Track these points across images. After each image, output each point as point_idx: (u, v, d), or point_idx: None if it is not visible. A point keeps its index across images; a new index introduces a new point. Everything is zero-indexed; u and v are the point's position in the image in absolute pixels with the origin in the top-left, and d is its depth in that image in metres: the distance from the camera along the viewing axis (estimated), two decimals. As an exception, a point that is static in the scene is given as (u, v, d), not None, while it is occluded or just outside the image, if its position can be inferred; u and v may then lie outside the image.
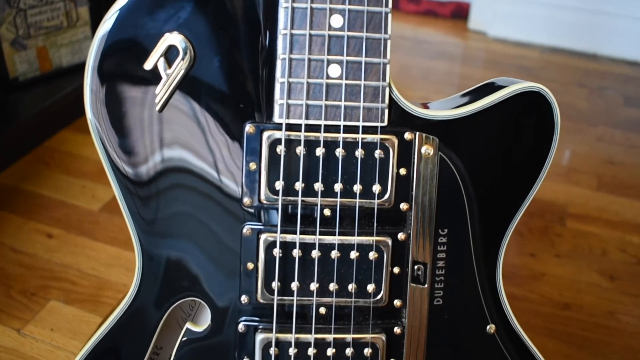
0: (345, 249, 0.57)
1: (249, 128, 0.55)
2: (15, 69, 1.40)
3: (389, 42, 0.53)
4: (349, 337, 0.58)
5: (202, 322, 0.61)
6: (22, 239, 1.19)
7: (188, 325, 0.60)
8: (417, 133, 0.56)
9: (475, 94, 0.57)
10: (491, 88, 0.57)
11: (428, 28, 2.11)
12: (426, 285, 0.59)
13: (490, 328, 0.61)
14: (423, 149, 0.56)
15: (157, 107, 0.54)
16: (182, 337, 0.60)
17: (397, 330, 0.59)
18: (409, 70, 1.87)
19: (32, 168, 1.37)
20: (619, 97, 1.76)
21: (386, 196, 0.57)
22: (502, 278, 0.62)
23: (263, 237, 0.57)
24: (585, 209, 1.35)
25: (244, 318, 0.59)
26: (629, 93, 1.78)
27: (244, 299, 0.58)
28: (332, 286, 0.57)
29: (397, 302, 0.59)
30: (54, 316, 1.06)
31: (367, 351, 0.59)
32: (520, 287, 1.16)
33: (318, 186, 0.56)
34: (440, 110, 0.56)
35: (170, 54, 0.53)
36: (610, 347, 1.06)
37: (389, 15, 0.52)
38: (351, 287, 0.58)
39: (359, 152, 0.55)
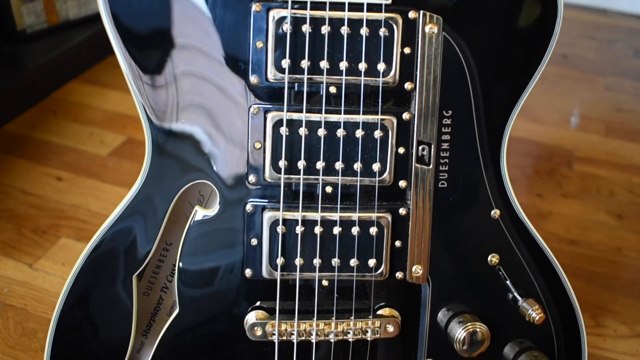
0: (350, 127, 0.58)
1: (255, 7, 0.56)
2: (22, 21, 1.41)
3: None
4: (354, 215, 0.59)
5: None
6: (32, 182, 1.21)
7: (197, 208, 0.61)
8: (421, 12, 0.56)
9: (479, -25, 0.58)
10: (495, -31, 0.58)
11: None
12: (431, 166, 0.59)
13: (495, 213, 0.62)
14: (427, 28, 0.57)
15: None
16: (191, 221, 0.61)
17: (402, 211, 0.60)
18: None
19: (41, 117, 1.38)
20: (629, 49, 1.75)
21: (391, 74, 0.57)
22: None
23: (270, 115, 0.57)
24: (593, 153, 1.35)
25: (251, 199, 0.60)
26: (639, 45, 1.78)
27: (251, 178, 0.59)
28: (338, 164, 0.58)
29: (402, 183, 0.60)
30: (65, 252, 1.07)
31: (372, 230, 0.59)
32: (527, 223, 1.16)
33: (324, 64, 0.56)
34: (445, -9, 0.57)
35: None
36: (617, 280, 1.07)
37: None
38: (357, 165, 0.58)
39: (363, 31, 0.56)
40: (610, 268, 1.09)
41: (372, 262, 0.60)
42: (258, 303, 0.62)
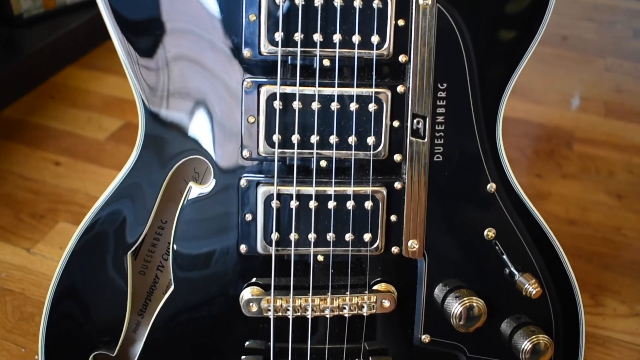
0: (344, 100, 0.57)
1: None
2: (19, 5, 1.41)
3: None
4: (349, 189, 0.58)
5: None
6: (30, 166, 1.20)
7: (192, 184, 0.60)
8: (415, -17, 0.56)
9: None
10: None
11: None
12: (426, 140, 0.59)
13: (491, 187, 0.61)
14: (421, 0, 0.56)
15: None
16: (185, 197, 0.60)
17: (397, 185, 0.60)
18: None
19: (39, 102, 1.38)
20: (628, 30, 1.74)
21: (385, 46, 0.56)
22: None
23: (263, 89, 0.57)
24: (592, 134, 1.34)
25: (245, 174, 0.59)
26: (639, 26, 1.77)
27: (245, 153, 0.58)
28: (333, 138, 0.58)
29: (397, 157, 0.59)
30: (63, 236, 1.07)
31: (367, 204, 0.59)
32: (526, 204, 1.16)
33: (317, 37, 0.56)
34: (438, -39, 0.56)
35: None
36: (617, 260, 1.07)
37: None
38: (351, 139, 0.58)
39: (357, 2, 0.55)
40: (610, 248, 1.09)
41: (367, 237, 0.60)
42: (254, 280, 0.62)
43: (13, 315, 0.92)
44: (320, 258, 0.61)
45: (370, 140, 0.58)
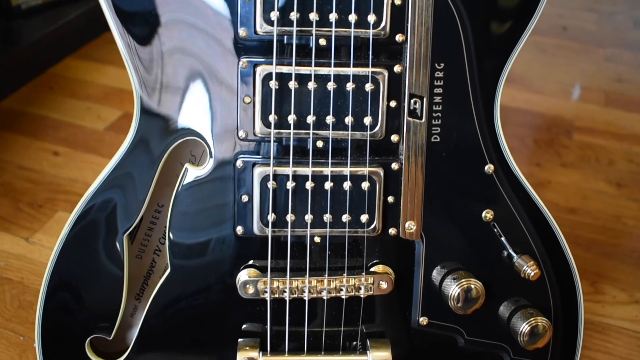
0: (341, 80, 0.57)
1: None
2: (17, -4, 1.41)
3: None
4: (346, 170, 0.58)
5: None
6: (29, 157, 1.20)
7: (188, 165, 0.60)
8: (412, -39, 0.55)
9: None
10: None
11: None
12: (423, 120, 0.58)
13: (489, 168, 0.61)
14: (418, -21, 0.56)
15: None
16: (182, 179, 0.60)
17: (394, 166, 0.59)
18: None
19: (37, 93, 1.37)
20: (629, 20, 1.74)
21: (381, 25, 0.56)
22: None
23: (259, 69, 0.56)
24: (592, 123, 1.34)
25: (242, 154, 0.59)
26: (639, 17, 1.76)
27: (241, 134, 0.58)
28: (329, 118, 0.57)
29: (394, 137, 0.59)
30: (62, 225, 1.04)
31: (364, 185, 0.59)
32: (525, 192, 1.16)
33: (313, 16, 0.55)
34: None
35: None
36: (616, 248, 1.06)
37: None
38: (348, 119, 0.57)
39: (352, -18, 0.55)
40: (610, 236, 1.08)
41: (364, 218, 0.60)
42: (250, 262, 0.62)
43: (12, 304, 0.92)
44: (317, 239, 0.60)
45: (367, 120, 0.58)
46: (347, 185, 0.59)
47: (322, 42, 0.56)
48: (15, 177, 1.15)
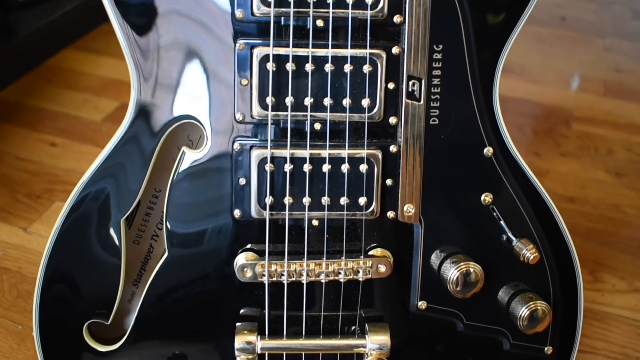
0: (338, 62, 0.56)
1: None
2: (14, -12, 1.40)
3: None
4: (344, 152, 0.58)
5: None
6: (26, 148, 1.20)
7: (184, 149, 0.60)
8: (410, -59, 0.55)
9: None
10: None
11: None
12: (422, 102, 0.58)
13: (488, 151, 0.61)
14: (416, -41, 0.55)
15: None
16: (179, 163, 0.60)
17: (393, 148, 0.59)
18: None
19: (35, 84, 1.37)
20: (628, 11, 1.73)
21: (379, 6, 0.56)
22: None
23: (256, 51, 0.56)
24: (591, 113, 1.34)
25: (239, 137, 0.59)
26: (638, 8, 1.76)
27: (238, 116, 0.58)
28: (327, 100, 0.57)
29: (392, 120, 0.59)
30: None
31: (362, 168, 0.58)
32: (524, 181, 1.15)
33: (310, -2, 0.55)
34: None
35: None
36: (616, 237, 1.06)
37: None
38: (346, 101, 0.57)
39: (350, -38, 0.55)
40: (609, 225, 1.08)
41: (362, 201, 0.59)
42: (248, 246, 0.62)
43: (10, 293, 0.92)
44: (315, 223, 0.60)
45: (365, 102, 0.57)
46: (345, 167, 0.58)
47: (320, 23, 0.56)
48: (13, 168, 1.15)
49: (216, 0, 0.56)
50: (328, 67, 0.56)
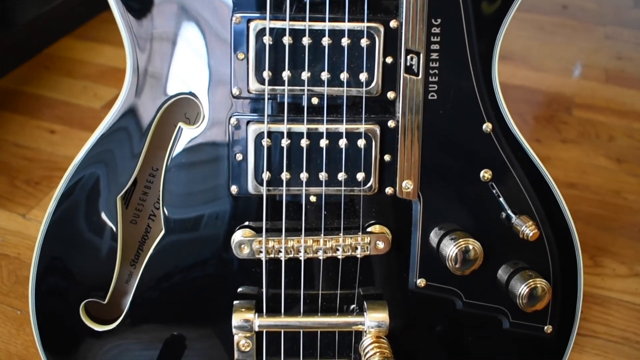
0: (336, 35, 0.56)
1: None
2: (13, -24, 1.39)
3: None
4: (341, 127, 0.57)
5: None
6: (25, 135, 1.20)
7: (181, 124, 0.59)
8: None
9: None
10: None
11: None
12: (420, 77, 0.57)
13: (487, 127, 0.60)
14: None
15: None
16: (176, 139, 0.59)
17: (391, 123, 0.58)
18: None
19: (33, 72, 1.37)
20: (629, -1, 1.74)
21: (377, -21, 0.55)
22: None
23: (252, 25, 0.56)
24: (592, 100, 1.33)
25: (236, 112, 0.58)
26: (639, -4, 1.76)
27: (235, 91, 0.57)
28: (324, 75, 0.56)
29: (390, 94, 0.58)
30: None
31: (360, 143, 0.58)
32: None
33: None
34: None
35: None
36: (616, 222, 1.06)
37: None
38: (343, 75, 0.57)
39: None
40: (609, 210, 1.08)
41: (360, 176, 0.59)
42: (246, 223, 0.61)
43: (9, 279, 0.91)
44: (312, 198, 0.60)
45: (363, 76, 0.57)
46: (342, 142, 0.58)
47: (316, -2, 0.55)
48: (12, 155, 1.15)
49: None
50: (325, 41, 0.56)
